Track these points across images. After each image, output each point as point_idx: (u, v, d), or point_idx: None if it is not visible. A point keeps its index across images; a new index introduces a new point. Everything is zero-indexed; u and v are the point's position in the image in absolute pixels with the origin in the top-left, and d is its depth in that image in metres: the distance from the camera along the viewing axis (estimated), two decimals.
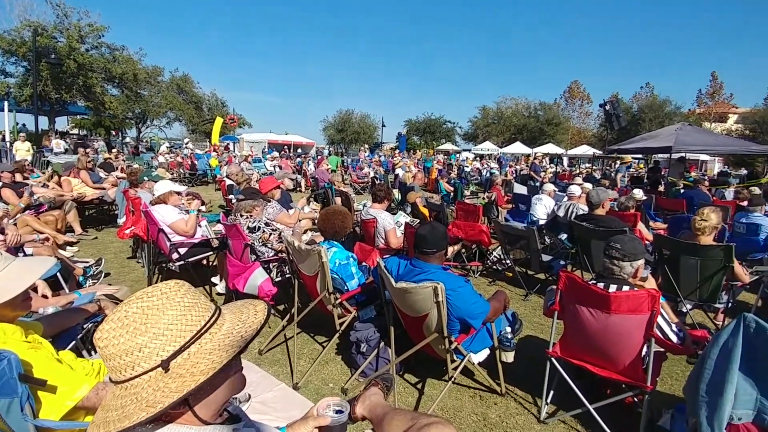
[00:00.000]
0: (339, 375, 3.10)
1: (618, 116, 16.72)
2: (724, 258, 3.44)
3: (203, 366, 0.85)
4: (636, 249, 2.40)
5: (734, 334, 1.87)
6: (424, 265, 2.52)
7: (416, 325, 2.57)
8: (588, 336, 2.43)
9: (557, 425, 2.59)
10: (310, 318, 3.48)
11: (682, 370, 3.19)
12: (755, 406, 1.85)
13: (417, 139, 42.88)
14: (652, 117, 32.84)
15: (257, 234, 3.89)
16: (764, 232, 5.28)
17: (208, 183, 15.36)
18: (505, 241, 5.06)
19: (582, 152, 30.11)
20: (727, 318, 3.82)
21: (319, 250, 2.84)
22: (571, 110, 43.59)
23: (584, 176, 14.19)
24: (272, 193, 5.11)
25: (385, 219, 4.51)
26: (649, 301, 2.20)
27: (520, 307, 4.48)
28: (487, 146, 33.43)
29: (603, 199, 4.91)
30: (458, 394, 2.87)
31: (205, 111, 36.13)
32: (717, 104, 38.06)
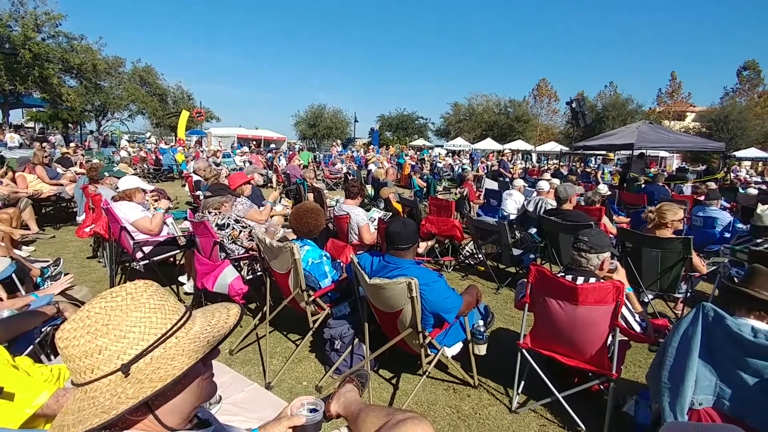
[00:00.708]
0: (313, 373, 3.07)
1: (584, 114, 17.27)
2: (683, 250, 3.61)
3: (163, 372, 0.82)
4: (602, 242, 2.48)
5: (693, 323, 1.96)
6: (397, 260, 2.52)
7: (390, 321, 2.57)
8: (557, 327, 2.49)
9: (528, 414, 2.66)
10: (282, 316, 3.43)
11: (644, 358, 3.33)
12: (714, 391, 1.95)
13: (390, 134, 42.89)
14: (615, 115, 34.01)
15: (227, 231, 3.79)
16: (720, 225, 5.57)
17: (173, 179, 14.89)
18: (477, 235, 5.14)
19: (550, 149, 30.93)
20: (686, 307, 4.01)
21: (291, 247, 2.80)
22: (539, 108, 44.62)
23: (552, 172, 14.56)
24: (242, 189, 4.99)
25: (359, 215, 4.49)
26: (614, 292, 2.28)
27: (492, 300, 4.56)
28: (459, 142, 33.81)
29: (570, 195, 5.05)
30: (432, 388, 2.90)
31: (170, 104, 34.90)
32: (676, 103, 39.80)
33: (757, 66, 37.28)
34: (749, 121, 32.17)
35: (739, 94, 37.10)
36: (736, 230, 5.44)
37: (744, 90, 37.28)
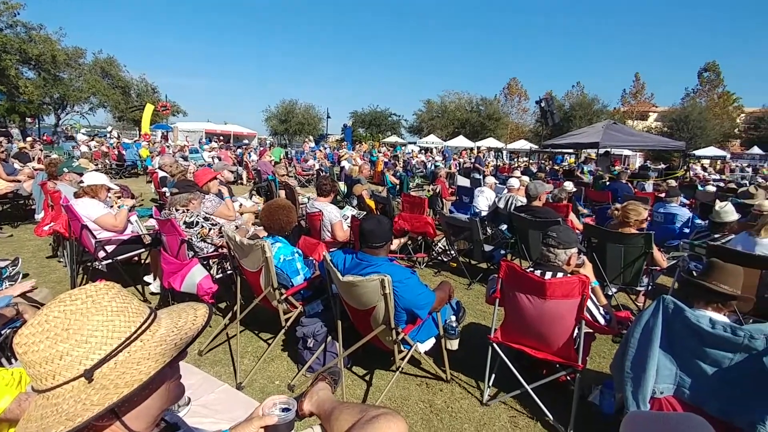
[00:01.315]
0: (285, 372, 3.04)
1: (552, 113, 17.72)
2: (645, 245, 3.76)
3: (129, 377, 0.79)
4: (570, 238, 2.55)
5: (654, 315, 2.04)
6: (370, 258, 2.52)
7: (364, 318, 2.57)
8: (526, 321, 2.55)
9: (498, 406, 2.71)
10: (253, 315, 3.37)
11: (609, 349, 3.46)
12: (675, 380, 2.04)
13: (363, 131, 42.77)
14: (582, 114, 35.08)
15: (195, 229, 3.69)
16: (680, 221, 5.84)
17: (138, 175, 14.38)
18: (449, 232, 5.19)
19: (520, 147, 31.60)
20: (647, 300, 4.19)
21: (262, 245, 2.75)
22: (510, 106, 45.41)
23: (522, 170, 14.90)
24: (208, 186, 4.86)
25: (331, 212, 4.45)
26: (579, 286, 2.35)
27: (464, 295, 4.63)
28: (431, 139, 34.08)
29: (540, 192, 5.18)
30: (405, 383, 2.92)
31: (134, 97, 33.67)
32: (639, 103, 41.36)
33: (717, 68, 39.12)
34: (708, 120, 33.83)
35: (699, 94, 38.86)
36: (695, 226, 5.71)
37: (704, 91, 39.05)
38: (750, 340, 1.81)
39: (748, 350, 1.82)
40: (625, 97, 42.22)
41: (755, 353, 1.80)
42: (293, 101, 40.67)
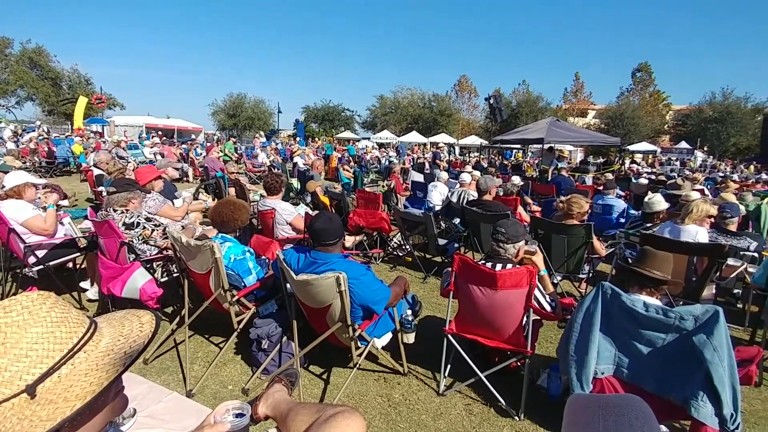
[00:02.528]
0: (239, 376, 2.94)
1: (500, 110, 18.34)
2: (586, 235, 3.99)
3: (78, 390, 0.75)
4: (517, 232, 2.65)
5: (594, 300, 2.17)
6: (324, 255, 2.49)
7: (319, 316, 2.54)
8: (479, 311, 2.63)
9: (454, 396, 2.78)
10: (203, 319, 3.23)
11: (555, 334, 3.64)
12: (614, 361, 2.18)
13: (316, 126, 42.21)
14: (528, 111, 36.59)
15: (136, 231, 3.48)
16: (616, 211, 6.24)
17: (71, 173, 13.36)
18: (404, 227, 5.24)
19: (471, 142, 32.46)
20: (588, 286, 4.44)
21: (211, 245, 2.64)
22: (461, 102, 46.47)
23: (473, 165, 15.33)
24: (152, 184, 4.60)
25: (285, 209, 4.36)
26: (527, 276, 2.45)
27: (420, 289, 4.70)
28: (385, 135, 34.22)
29: (490, 186, 5.34)
30: (363, 379, 2.92)
31: (65, 89, 31.23)
32: (579, 101, 43.72)
33: (648, 68, 42.03)
34: (641, 118, 36.36)
35: (632, 93, 41.58)
36: (630, 216, 6.13)
37: (637, 90, 41.84)
38: (680, 321, 1.96)
39: (679, 330, 1.98)
40: (567, 95, 44.52)
41: (685, 333, 1.97)
42: (242, 95, 39.45)
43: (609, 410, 0.72)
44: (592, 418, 0.72)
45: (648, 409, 0.74)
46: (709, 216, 3.93)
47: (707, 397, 1.89)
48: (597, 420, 0.71)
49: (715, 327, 1.89)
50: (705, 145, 33.53)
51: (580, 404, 0.77)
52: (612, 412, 0.72)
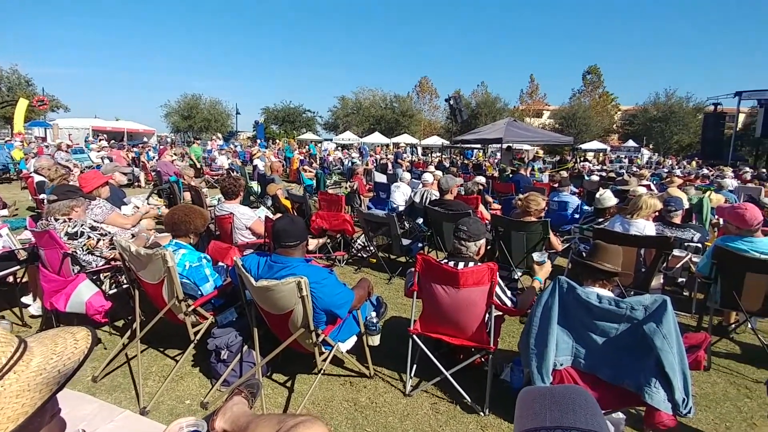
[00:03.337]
0: (197, 389, 2.81)
1: (460, 110, 18.75)
2: (543, 231, 4.11)
3: (10, 412, 0.71)
4: (478, 230, 2.68)
5: (552, 294, 2.23)
6: (285, 259, 2.42)
7: (281, 323, 2.46)
8: (442, 310, 2.65)
9: (420, 395, 2.78)
10: (157, 331, 3.07)
11: (517, 329, 3.72)
12: (572, 352, 2.25)
13: (276, 127, 41.45)
14: (487, 112, 37.50)
15: (80, 240, 3.26)
16: (571, 207, 6.49)
17: (11, 180, 12.45)
18: (367, 228, 5.22)
19: (433, 142, 32.92)
20: (547, 281, 4.58)
21: (163, 254, 2.51)
22: (422, 104, 47.01)
23: (435, 165, 15.54)
24: (98, 191, 4.34)
25: (244, 214, 4.23)
26: (488, 273, 2.49)
27: (385, 290, 4.69)
28: (347, 136, 34.11)
29: (451, 185, 5.42)
30: (329, 385, 2.87)
31: (4, 91, 29.14)
32: (535, 102, 45.30)
33: (598, 70, 44.11)
34: (592, 118, 38.08)
35: (583, 94, 43.51)
36: (584, 212, 6.40)
37: (587, 91, 43.79)
38: (631, 311, 2.05)
39: (630, 320, 2.06)
40: (523, 96, 46.00)
41: (636, 322, 2.05)
42: (197, 96, 38.11)
43: (555, 401, 0.76)
44: (540, 410, 0.75)
45: (591, 399, 0.77)
46: (655, 210, 4.14)
47: (659, 384, 1.98)
48: (545, 411, 0.75)
49: (663, 315, 1.98)
50: (650, 143, 35.63)
51: (530, 397, 0.81)
52: (558, 402, 0.75)
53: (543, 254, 2.98)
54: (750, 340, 3.65)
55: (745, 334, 3.76)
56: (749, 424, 2.61)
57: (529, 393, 0.82)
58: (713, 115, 27.53)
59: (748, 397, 2.89)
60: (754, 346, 3.53)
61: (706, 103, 30.55)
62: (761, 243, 3.20)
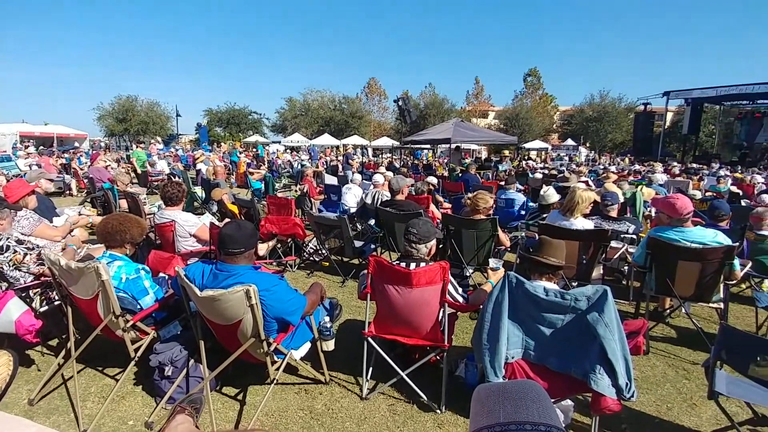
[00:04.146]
0: (141, 408, 2.63)
1: (409, 111, 18.96)
2: (492, 228, 4.24)
3: None
4: (429, 232, 2.70)
5: (502, 289, 2.29)
6: (231, 267, 2.31)
7: (230, 334, 2.35)
8: (396, 311, 2.65)
9: (377, 398, 2.77)
10: (93, 349, 2.85)
11: (470, 325, 3.80)
12: (522, 345, 2.32)
13: (220, 130, 39.96)
14: (435, 113, 38.28)
15: (6, 255, 2.96)
16: (517, 204, 6.75)
17: None
18: (319, 231, 5.14)
19: (383, 143, 33.13)
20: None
21: (95, 266, 2.32)
22: (371, 105, 47.13)
23: (386, 165, 15.63)
24: (25, 201, 3.96)
25: (187, 221, 4.02)
26: (440, 272, 2.52)
27: (339, 293, 4.63)
28: (296, 138, 33.54)
29: (402, 186, 5.45)
30: (283, 394, 2.78)
31: None
32: (480, 103, 46.76)
33: (537, 73, 46.32)
34: (534, 118, 39.90)
35: (525, 96, 45.51)
36: (529, 208, 6.68)
37: (529, 93, 45.85)
38: (575, 302, 2.14)
39: (575, 311, 2.16)
40: (469, 97, 47.39)
41: (580, 312, 2.15)
42: (133, 97, 35.79)
43: (508, 397, 0.77)
44: (494, 407, 0.77)
45: (543, 392, 0.79)
46: (591, 202, 4.36)
47: (603, 370, 2.08)
48: (498, 407, 0.76)
49: (605, 305, 2.09)
50: (587, 142, 37.90)
51: (484, 395, 0.82)
52: (510, 398, 0.77)
53: (498, 261, 3.09)
54: (684, 324, 3.95)
55: (680, 318, 4.06)
56: (689, 405, 2.80)
57: (483, 391, 0.83)
58: (643, 114, 29.70)
59: (687, 379, 3.11)
60: (688, 330, 3.81)
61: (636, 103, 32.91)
62: (691, 232, 3.45)
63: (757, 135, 26.41)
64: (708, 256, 3.30)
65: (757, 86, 22.43)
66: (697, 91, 25.57)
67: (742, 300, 4.55)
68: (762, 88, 22.36)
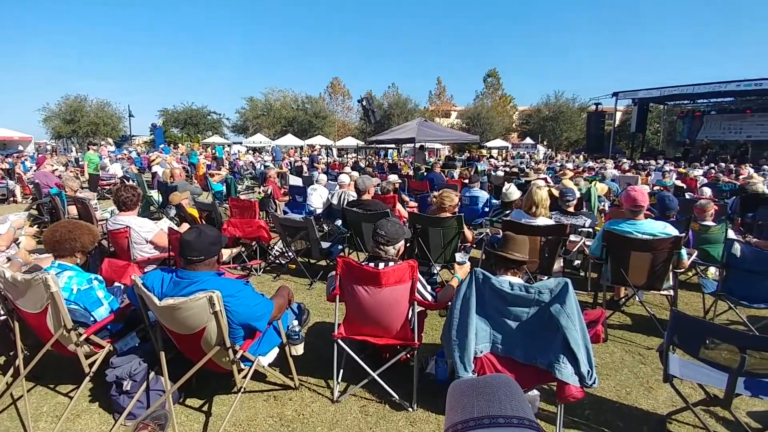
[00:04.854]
0: (98, 426, 2.48)
1: (373, 111, 19.00)
2: (458, 226, 4.30)
3: None
4: (397, 233, 2.70)
5: (469, 285, 2.33)
6: (193, 274, 2.21)
7: (192, 343, 2.26)
8: (366, 312, 2.63)
9: (349, 400, 2.74)
10: (45, 366, 2.67)
11: (439, 322, 3.84)
12: (490, 339, 2.36)
13: (177, 131, 38.52)
14: (399, 112, 38.50)
15: None
16: (481, 202, 6.90)
17: None
18: (285, 234, 5.04)
19: (348, 143, 33.01)
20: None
21: (43, 278, 2.17)
22: (335, 105, 46.79)
23: (352, 165, 15.56)
24: None
25: (143, 226, 3.83)
26: (409, 271, 2.53)
27: (307, 296, 4.56)
28: (259, 138, 32.85)
29: (368, 186, 5.44)
30: (251, 402, 2.70)
31: None
32: (443, 103, 47.47)
33: (497, 74, 47.38)
34: (494, 118, 40.86)
35: (485, 96, 46.51)
36: (493, 205, 6.84)
37: (489, 93, 46.89)
38: (539, 294, 2.21)
39: (539, 303, 2.22)
40: (432, 97, 47.98)
41: (543, 305, 2.22)
42: (82, 97, 33.82)
43: (481, 392, 0.78)
44: (468, 402, 0.77)
45: (514, 384, 0.81)
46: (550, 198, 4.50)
47: (567, 359, 2.15)
48: (472, 402, 0.77)
49: (566, 296, 2.17)
50: (545, 140, 39.27)
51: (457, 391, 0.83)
52: (483, 393, 0.78)
53: (464, 256, 3.15)
54: (639, 312, 4.16)
55: (635, 306, 4.27)
56: (646, 388, 2.95)
57: (457, 387, 0.84)
58: (595, 113, 31.04)
59: (643, 363, 3.27)
60: (642, 317, 4.02)
61: (588, 103, 34.31)
62: (642, 225, 3.65)
63: (698, 132, 28.25)
64: (658, 246, 3.49)
65: (697, 86, 23.95)
66: (643, 92, 26.98)
67: (690, 287, 4.84)
68: (701, 88, 23.90)
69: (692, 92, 24.71)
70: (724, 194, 8.72)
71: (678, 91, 25.05)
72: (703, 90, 24.03)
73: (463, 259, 3.07)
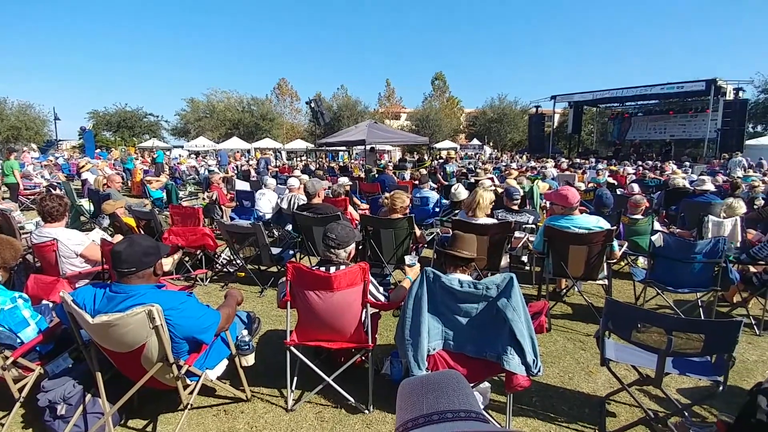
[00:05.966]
0: None
1: (322, 113, 18.87)
2: (409, 226, 4.35)
3: None
4: (348, 236, 2.68)
5: (421, 285, 2.36)
6: (129, 288, 2.07)
7: (132, 361, 2.12)
8: (319, 317, 2.60)
9: (304, 407, 2.69)
10: None
11: (392, 322, 3.87)
12: (442, 336, 2.41)
13: (110, 134, 36.13)
14: (348, 115, 38.42)
15: None
16: (432, 202, 7.03)
17: None
18: (232, 240, 4.87)
19: (297, 146, 32.47)
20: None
21: None
22: (282, 106, 45.84)
23: (301, 168, 15.32)
24: None
25: (71, 239, 3.54)
26: (361, 273, 2.53)
27: (258, 304, 4.43)
28: (201, 142, 31.52)
29: (318, 189, 5.37)
30: (200, 419, 2.58)
31: None
32: (392, 105, 47.97)
33: (443, 77, 48.59)
34: (442, 120, 41.83)
35: (433, 98, 47.52)
36: (442, 205, 7.00)
37: (437, 96, 47.95)
38: (486, 290, 2.28)
39: (487, 299, 2.30)
40: (381, 99, 48.35)
41: (491, 300, 2.29)
42: (1, 99, 30.88)
43: (429, 389, 0.79)
44: (417, 399, 0.78)
45: (462, 380, 0.83)
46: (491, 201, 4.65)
47: (513, 350, 2.24)
48: (421, 399, 0.77)
49: (511, 290, 2.26)
50: (491, 141, 40.73)
51: (407, 389, 0.83)
52: (432, 389, 0.79)
53: (414, 257, 3.19)
54: (578, 301, 4.42)
55: (574, 296, 4.53)
56: (587, 373, 3.14)
57: (407, 385, 0.84)
58: (536, 115, 32.66)
59: (583, 350, 3.48)
60: (581, 306, 4.28)
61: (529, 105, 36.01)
62: (578, 220, 3.89)
63: (627, 133, 30.56)
64: (593, 239, 3.74)
65: (625, 90, 25.95)
66: (577, 95, 28.84)
67: (622, 276, 5.22)
68: (629, 92, 25.93)
69: (621, 95, 26.73)
70: (651, 189, 9.46)
71: (608, 95, 26.97)
72: (631, 93, 26.06)
73: (413, 260, 3.12)
